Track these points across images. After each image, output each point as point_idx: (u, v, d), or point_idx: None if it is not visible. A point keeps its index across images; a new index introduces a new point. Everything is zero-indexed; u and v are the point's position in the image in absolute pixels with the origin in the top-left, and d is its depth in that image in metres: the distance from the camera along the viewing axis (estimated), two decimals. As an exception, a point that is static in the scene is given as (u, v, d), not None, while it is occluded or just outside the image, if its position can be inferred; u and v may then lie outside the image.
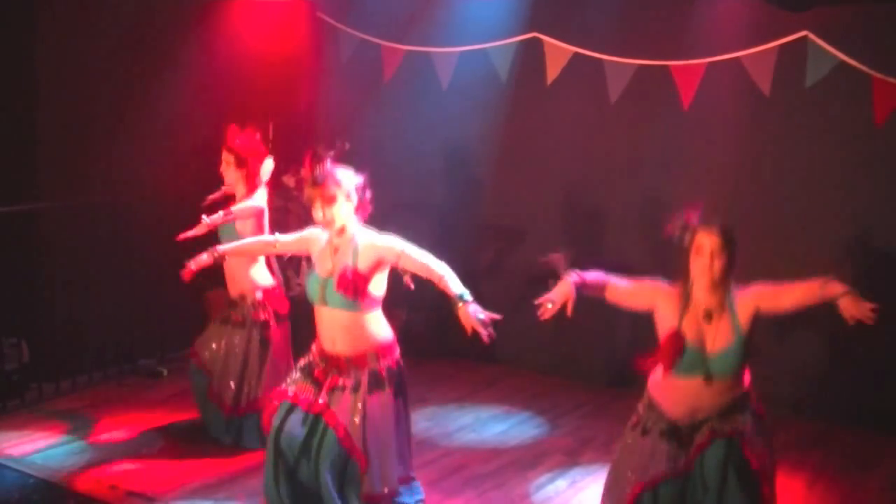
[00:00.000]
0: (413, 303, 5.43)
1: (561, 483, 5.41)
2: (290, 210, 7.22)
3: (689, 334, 4.04)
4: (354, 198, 4.46)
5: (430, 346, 7.35)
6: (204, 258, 5.07)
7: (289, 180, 7.44)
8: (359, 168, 4.57)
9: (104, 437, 5.89)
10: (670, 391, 4.14)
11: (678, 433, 4.13)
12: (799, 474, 5.57)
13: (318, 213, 4.42)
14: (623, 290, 4.21)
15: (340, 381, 4.45)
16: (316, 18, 7.81)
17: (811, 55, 6.14)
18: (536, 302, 4.05)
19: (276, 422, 4.43)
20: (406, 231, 4.52)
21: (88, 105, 6.80)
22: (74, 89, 6.71)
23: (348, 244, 4.45)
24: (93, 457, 5.56)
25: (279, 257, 5.90)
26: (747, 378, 4.19)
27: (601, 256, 6.95)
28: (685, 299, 4.08)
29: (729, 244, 4.01)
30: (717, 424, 4.08)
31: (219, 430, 5.76)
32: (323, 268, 4.50)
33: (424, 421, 6.22)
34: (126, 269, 6.88)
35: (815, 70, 6.14)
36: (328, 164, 4.42)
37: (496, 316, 4.10)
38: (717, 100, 6.52)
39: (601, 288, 4.19)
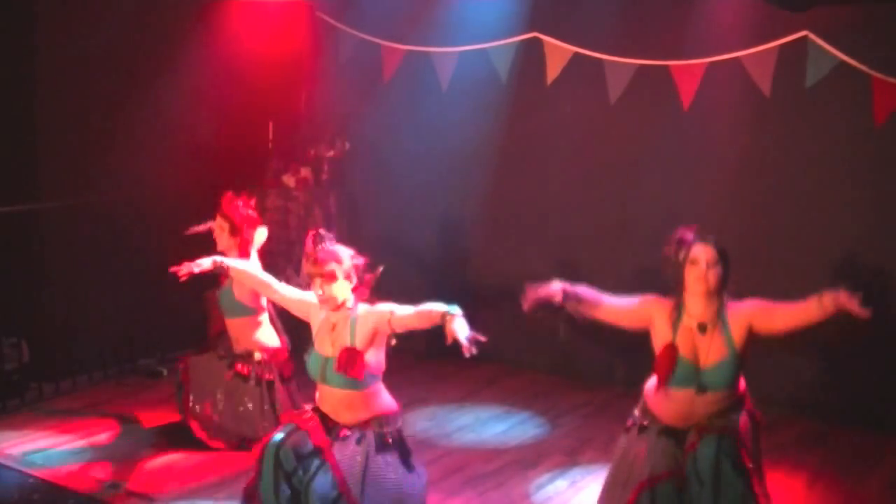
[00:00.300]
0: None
1: (561, 483, 5.41)
2: (290, 210, 7.23)
3: (683, 347, 4.10)
4: (353, 277, 4.48)
5: (430, 346, 7.32)
6: (206, 264, 5.08)
7: (289, 180, 7.45)
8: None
9: (104, 437, 5.89)
10: (664, 400, 4.18)
11: (675, 433, 4.15)
12: (799, 474, 5.56)
13: (317, 291, 4.44)
14: (618, 309, 4.27)
15: (347, 432, 4.46)
16: (315, 18, 7.81)
17: (811, 55, 6.14)
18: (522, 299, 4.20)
19: (279, 435, 4.42)
20: (405, 230, 4.51)
21: (88, 104, 6.80)
22: (74, 89, 6.71)
23: (345, 321, 4.47)
24: (93, 457, 5.56)
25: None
26: (742, 384, 4.21)
27: (600, 255, 7.03)
28: (678, 311, 4.14)
29: (723, 257, 4.12)
30: (707, 422, 4.10)
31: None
32: (322, 346, 4.52)
33: (424, 421, 6.22)
34: (126, 269, 6.88)
35: (815, 70, 6.14)
36: (329, 242, 4.47)
37: (481, 338, 3.98)
38: (717, 100, 6.51)
39: (593, 306, 4.24)
